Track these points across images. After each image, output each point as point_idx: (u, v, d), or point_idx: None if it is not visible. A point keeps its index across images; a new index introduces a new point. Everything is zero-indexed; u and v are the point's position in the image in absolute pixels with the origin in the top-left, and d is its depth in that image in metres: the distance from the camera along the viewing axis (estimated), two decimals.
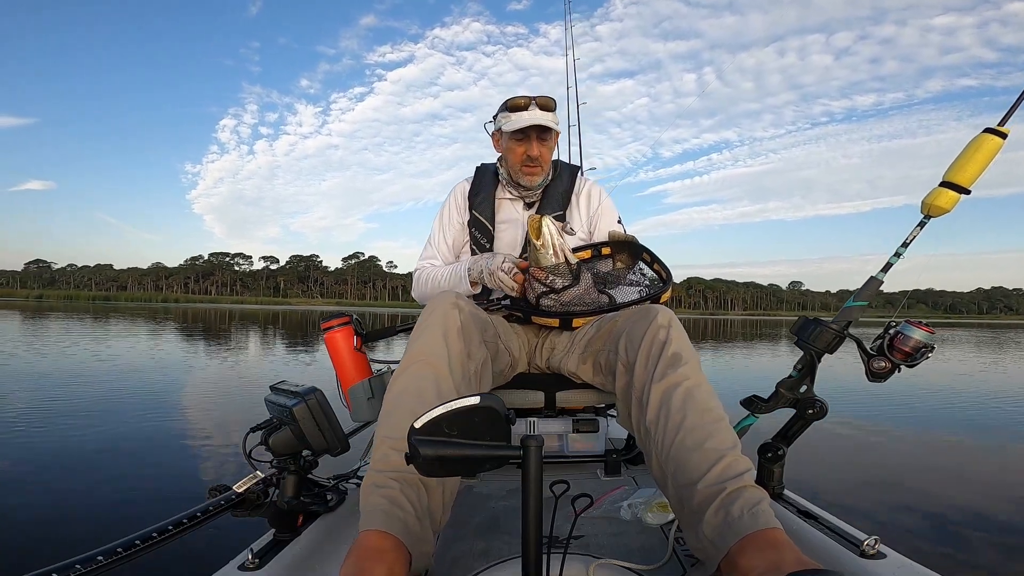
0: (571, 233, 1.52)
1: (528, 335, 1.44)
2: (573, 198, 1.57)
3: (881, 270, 1.18)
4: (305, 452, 1.07)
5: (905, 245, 1.16)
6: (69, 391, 5.11)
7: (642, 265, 1.45)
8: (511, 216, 1.55)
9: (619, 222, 1.59)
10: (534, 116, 1.40)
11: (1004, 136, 1.09)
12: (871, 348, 1.13)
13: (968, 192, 1.10)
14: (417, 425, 0.59)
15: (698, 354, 1.03)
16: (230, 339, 13.11)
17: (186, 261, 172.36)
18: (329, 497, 1.13)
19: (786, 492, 1.21)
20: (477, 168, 1.62)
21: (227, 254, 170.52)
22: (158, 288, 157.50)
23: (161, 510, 0.89)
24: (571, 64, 3.50)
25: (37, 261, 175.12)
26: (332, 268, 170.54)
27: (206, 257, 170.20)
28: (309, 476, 1.10)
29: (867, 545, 0.91)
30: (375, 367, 1.53)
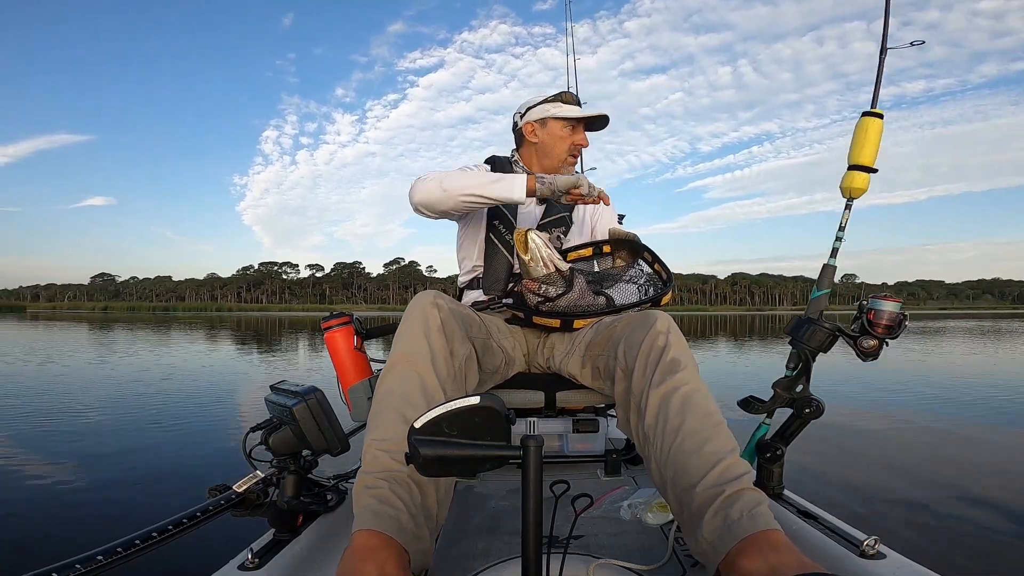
0: (559, 241, 1.53)
1: (528, 336, 1.44)
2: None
3: (830, 255, 1.27)
4: (305, 452, 1.07)
5: (842, 228, 1.27)
6: (147, 397, 5.14)
7: (642, 264, 1.45)
8: (527, 209, 1.58)
9: (620, 222, 1.61)
10: (588, 109, 1.51)
11: (881, 116, 1.23)
12: (852, 330, 1.17)
13: (875, 170, 1.22)
14: (417, 425, 0.59)
15: (696, 360, 1.03)
16: (280, 344, 13.44)
17: (238, 271, 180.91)
18: (329, 497, 1.13)
19: (786, 492, 1.21)
20: (490, 159, 1.61)
21: (275, 263, 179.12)
22: (213, 298, 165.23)
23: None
24: (571, 64, 3.50)
25: (102, 274, 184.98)
26: (374, 274, 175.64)
27: (256, 267, 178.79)
28: (309, 476, 1.10)
29: (867, 545, 0.92)
30: (375, 367, 1.53)
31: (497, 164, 1.58)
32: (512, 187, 1.25)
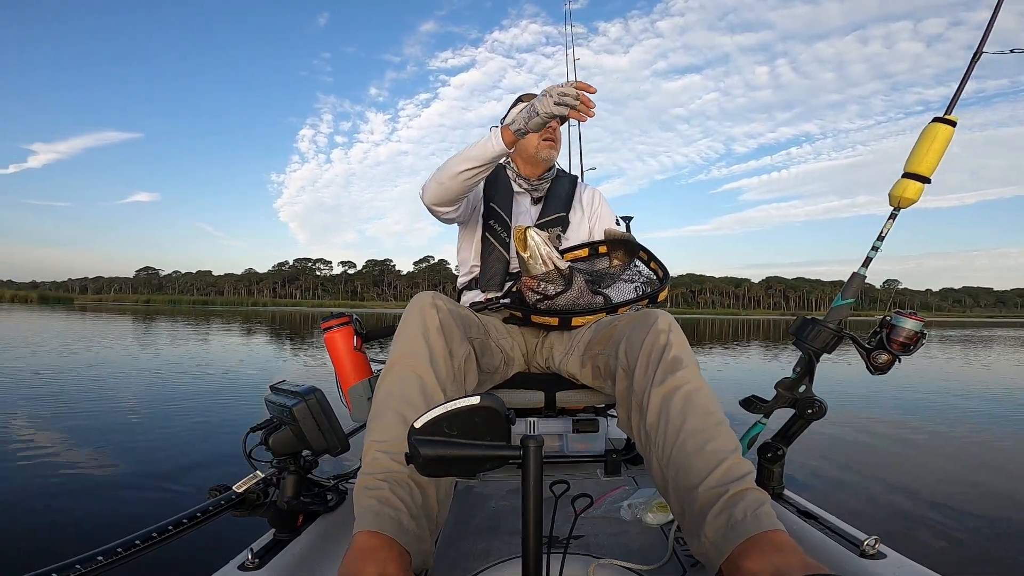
0: (558, 240, 1.54)
1: (527, 335, 1.44)
2: (575, 201, 1.63)
3: (862, 265, 1.21)
4: (305, 452, 1.07)
5: (881, 238, 1.19)
6: (170, 387, 5.17)
7: (639, 263, 1.45)
8: (522, 209, 1.61)
9: (617, 223, 1.62)
10: None
11: (953, 124, 1.12)
12: (869, 343, 1.16)
13: (929, 181, 1.14)
14: (417, 425, 0.59)
15: (697, 359, 1.03)
16: (310, 339, 13.45)
17: (274, 267, 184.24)
18: (329, 497, 1.13)
19: (786, 492, 1.21)
20: None
21: (309, 260, 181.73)
22: (250, 292, 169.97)
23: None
24: (571, 64, 3.51)
25: (147, 268, 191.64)
26: (404, 272, 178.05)
27: (291, 263, 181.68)
28: (309, 476, 1.10)
29: (867, 545, 0.92)
30: (375, 367, 1.53)
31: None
32: (489, 141, 1.24)
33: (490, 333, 1.27)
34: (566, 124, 3.46)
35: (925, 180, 1.14)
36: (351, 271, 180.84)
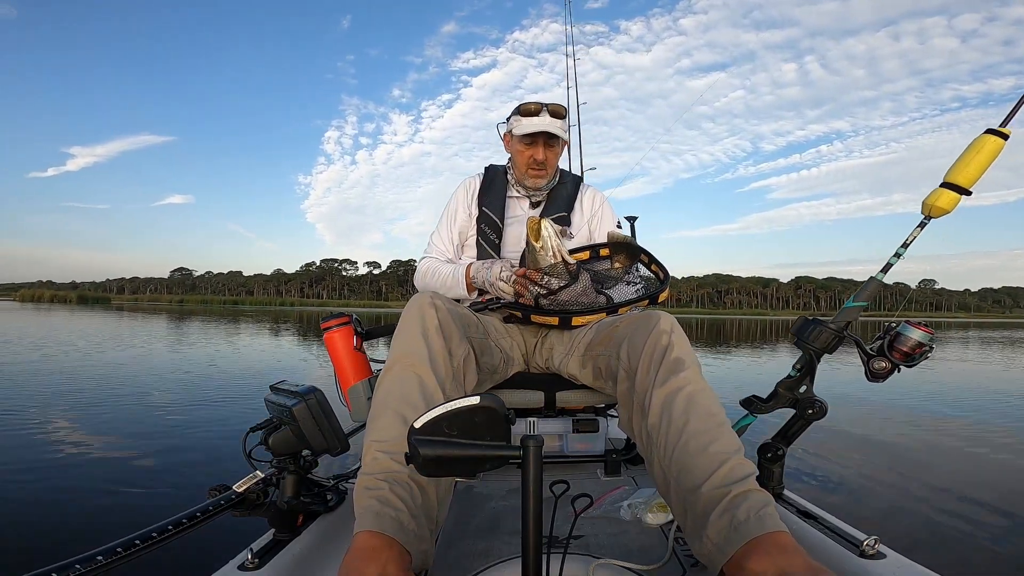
0: (569, 237, 1.55)
1: (526, 335, 1.44)
2: (576, 203, 1.63)
3: (881, 270, 1.18)
4: (305, 452, 1.07)
5: (905, 246, 1.16)
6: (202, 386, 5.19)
7: (640, 266, 1.45)
8: (517, 213, 1.60)
9: (619, 225, 1.62)
10: (543, 121, 1.46)
11: (1006, 137, 1.07)
12: (871, 349, 1.14)
13: (969, 193, 1.10)
14: (417, 425, 0.59)
15: (699, 359, 1.03)
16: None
17: (301, 267, 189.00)
18: (329, 497, 1.13)
19: (786, 492, 1.21)
20: (487, 168, 1.67)
21: (335, 260, 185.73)
22: (279, 292, 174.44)
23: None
24: (571, 64, 3.51)
25: (181, 269, 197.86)
26: None
27: (318, 263, 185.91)
28: (309, 476, 1.10)
29: (867, 545, 0.92)
30: (375, 367, 1.53)
31: (490, 172, 1.63)
32: (457, 282, 1.44)
33: (489, 333, 1.27)
34: (566, 124, 3.47)
35: (964, 192, 1.09)
36: (376, 271, 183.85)
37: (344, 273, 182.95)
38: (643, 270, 1.46)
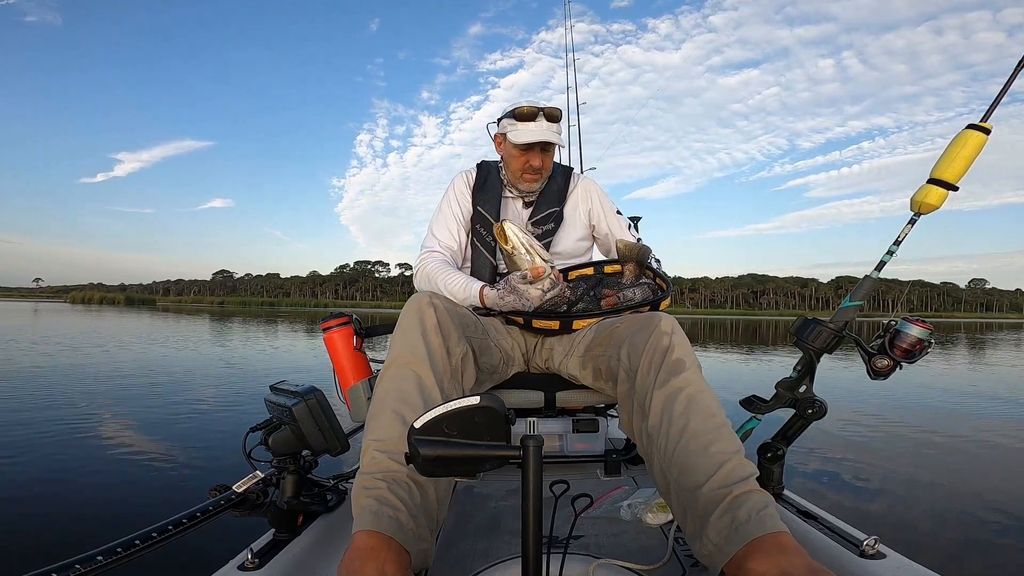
0: (535, 232, 1.51)
1: (527, 335, 1.44)
2: (569, 196, 1.60)
3: (875, 268, 1.19)
4: (305, 452, 1.07)
5: (897, 243, 1.17)
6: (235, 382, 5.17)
7: (644, 280, 1.44)
8: (510, 212, 1.58)
9: (636, 225, 1.62)
10: (540, 128, 1.42)
11: (988, 132, 1.09)
12: (871, 347, 1.14)
13: (956, 188, 1.12)
14: (417, 425, 0.59)
15: (699, 360, 1.03)
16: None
17: (336, 269, 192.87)
18: (329, 497, 1.13)
19: (786, 492, 1.21)
20: (479, 165, 1.63)
21: (368, 262, 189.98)
22: (314, 294, 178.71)
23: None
24: (571, 64, 3.51)
25: (222, 271, 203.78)
26: None
27: (352, 265, 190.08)
28: (309, 476, 1.10)
29: (867, 545, 0.92)
30: (375, 367, 1.53)
31: (483, 170, 1.60)
32: (468, 294, 1.32)
33: (489, 333, 1.27)
34: (566, 125, 3.47)
35: (951, 187, 1.11)
36: (407, 273, 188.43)
37: (377, 275, 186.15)
38: (647, 282, 1.45)
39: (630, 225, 1.62)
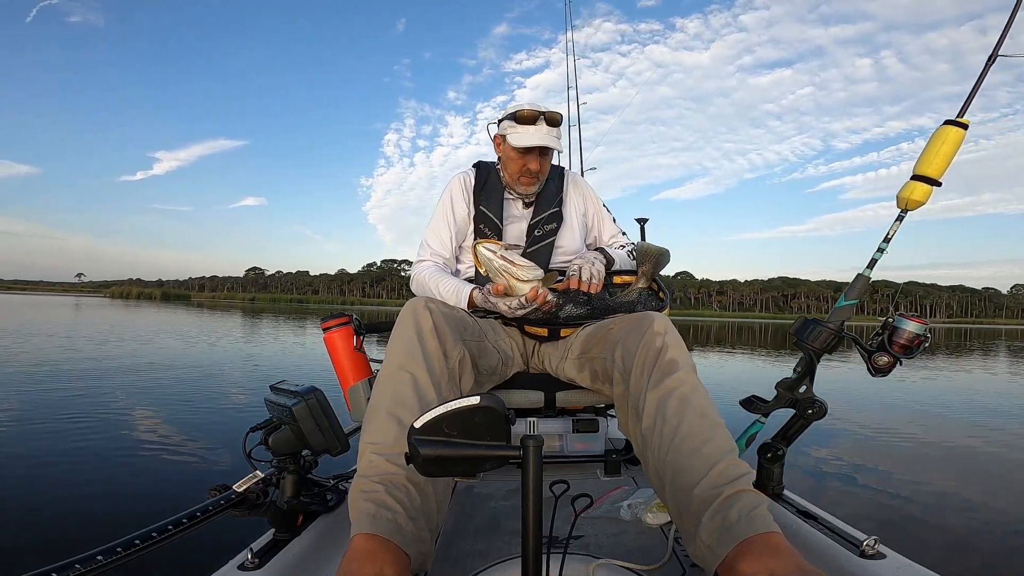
0: (517, 247, 1.48)
1: (525, 337, 1.44)
2: (565, 195, 1.60)
3: (867, 266, 1.20)
4: (305, 452, 1.07)
5: (887, 240, 1.19)
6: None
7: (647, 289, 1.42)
8: (514, 214, 1.57)
9: (643, 225, 1.62)
10: (540, 132, 1.41)
11: (965, 127, 1.12)
12: (870, 344, 1.15)
13: (939, 184, 1.14)
14: (417, 425, 0.59)
15: (693, 360, 1.03)
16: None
17: (363, 268, 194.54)
18: (329, 497, 1.13)
19: (786, 492, 1.21)
20: (477, 165, 1.63)
21: (395, 261, 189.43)
22: (342, 292, 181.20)
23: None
24: (571, 64, 3.51)
25: (254, 268, 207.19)
26: None
27: (379, 264, 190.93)
28: (309, 476, 1.10)
29: (867, 545, 0.92)
30: (375, 367, 1.53)
31: (482, 170, 1.59)
32: (458, 298, 1.35)
33: (487, 335, 1.27)
34: (565, 126, 3.47)
35: (935, 183, 1.13)
36: None
37: (403, 274, 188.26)
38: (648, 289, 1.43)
39: (614, 220, 1.63)
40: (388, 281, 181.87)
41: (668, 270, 1.44)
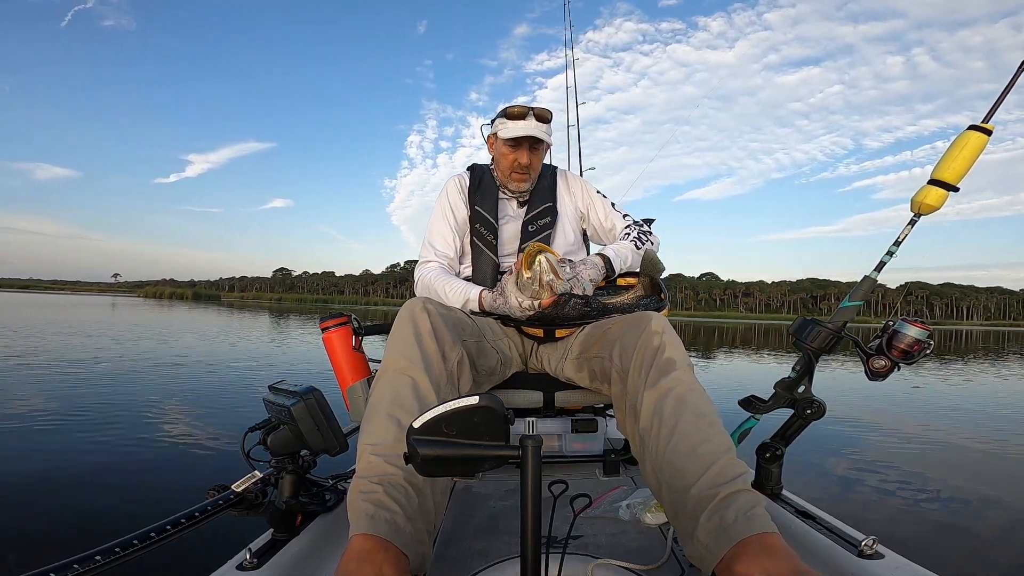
0: (564, 268, 1.36)
1: (524, 338, 1.44)
2: (558, 193, 1.61)
3: (875, 269, 1.18)
4: (303, 452, 1.07)
5: (897, 244, 1.17)
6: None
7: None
8: (508, 213, 1.58)
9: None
10: (529, 126, 1.45)
11: (989, 133, 1.09)
12: (869, 347, 1.14)
13: (956, 190, 1.11)
14: (416, 425, 0.59)
15: (691, 359, 1.03)
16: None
17: (387, 268, 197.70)
18: (327, 497, 1.13)
19: (784, 492, 1.21)
20: (471, 168, 1.65)
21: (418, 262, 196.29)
22: (366, 292, 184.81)
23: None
24: (571, 65, 3.51)
25: (282, 269, 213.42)
26: None
27: (402, 264, 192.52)
28: (307, 476, 1.10)
29: (865, 545, 0.92)
30: (374, 367, 1.53)
31: (476, 172, 1.61)
32: (467, 302, 1.34)
33: (485, 335, 1.27)
34: (565, 126, 3.47)
35: (952, 188, 1.11)
36: None
37: None
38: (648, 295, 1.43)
39: (614, 204, 1.63)
40: (411, 281, 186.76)
41: (692, 271, 1.42)
